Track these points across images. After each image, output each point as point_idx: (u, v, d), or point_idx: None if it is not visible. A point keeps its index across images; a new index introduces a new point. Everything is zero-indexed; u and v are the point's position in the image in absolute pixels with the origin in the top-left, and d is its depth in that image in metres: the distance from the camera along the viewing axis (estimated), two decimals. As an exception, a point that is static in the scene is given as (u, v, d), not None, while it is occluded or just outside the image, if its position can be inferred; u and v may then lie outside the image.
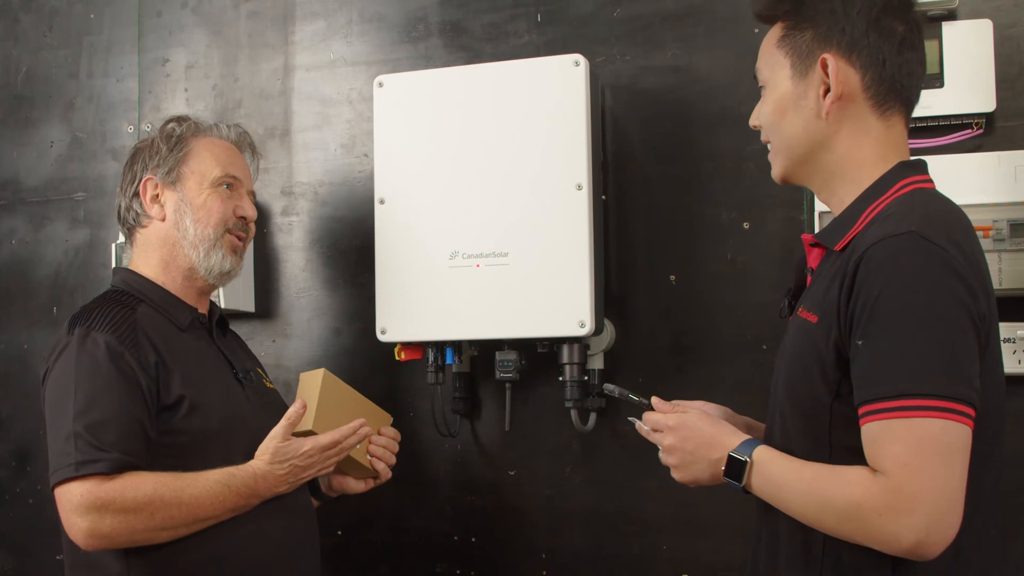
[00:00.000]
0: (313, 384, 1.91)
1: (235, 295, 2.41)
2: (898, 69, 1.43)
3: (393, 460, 2.03)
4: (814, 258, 1.48)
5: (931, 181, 1.45)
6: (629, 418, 1.61)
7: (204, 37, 2.61)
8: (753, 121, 1.54)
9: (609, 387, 1.67)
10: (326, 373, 1.92)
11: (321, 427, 1.86)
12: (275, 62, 2.56)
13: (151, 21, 2.65)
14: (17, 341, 2.69)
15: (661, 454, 1.54)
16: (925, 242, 1.28)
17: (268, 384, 2.03)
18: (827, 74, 1.42)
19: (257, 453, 1.81)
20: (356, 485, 2.04)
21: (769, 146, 1.53)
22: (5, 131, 2.75)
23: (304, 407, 1.85)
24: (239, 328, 2.49)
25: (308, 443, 1.82)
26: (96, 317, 1.77)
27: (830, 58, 1.42)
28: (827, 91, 1.43)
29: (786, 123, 1.47)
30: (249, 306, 2.48)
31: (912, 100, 1.47)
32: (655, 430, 1.54)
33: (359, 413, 1.95)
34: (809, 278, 1.50)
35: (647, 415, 1.56)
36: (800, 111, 1.45)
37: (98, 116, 2.68)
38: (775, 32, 1.50)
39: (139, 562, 1.73)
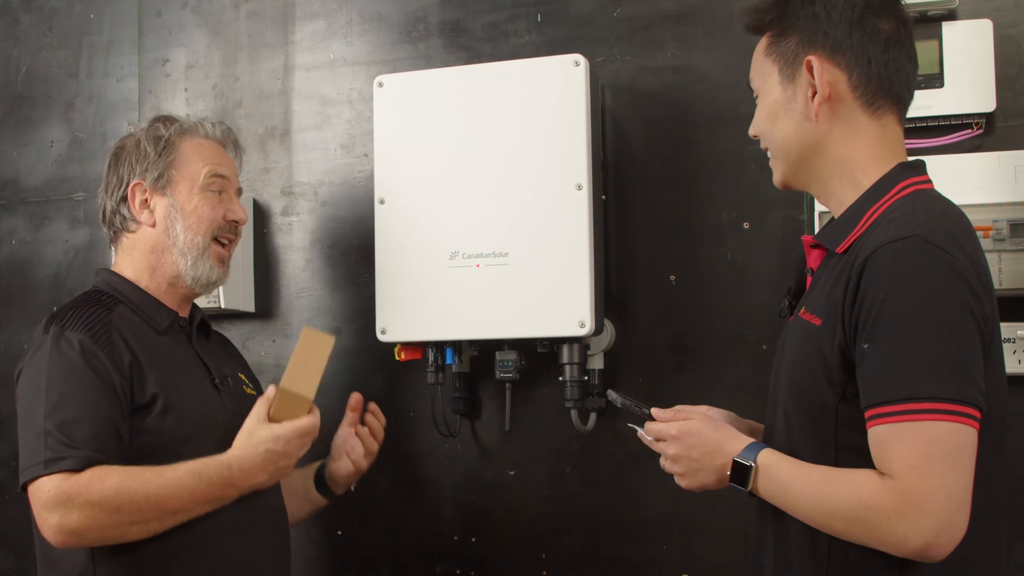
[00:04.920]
0: (320, 349, 1.80)
1: (235, 295, 2.41)
2: (884, 67, 1.44)
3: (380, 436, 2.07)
4: (814, 259, 1.49)
5: (930, 182, 1.46)
6: (629, 424, 1.60)
7: (204, 37, 2.61)
8: (751, 131, 1.56)
9: (612, 395, 1.64)
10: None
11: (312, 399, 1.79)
12: (275, 62, 2.56)
13: (151, 21, 2.65)
14: (17, 341, 2.68)
15: (664, 462, 1.53)
16: (930, 246, 1.29)
17: (248, 390, 1.98)
18: (812, 76, 1.44)
19: (233, 442, 1.75)
20: (343, 467, 2.02)
21: (768, 153, 1.54)
22: (5, 131, 2.75)
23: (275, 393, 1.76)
24: (239, 328, 2.49)
25: (285, 427, 1.74)
26: (71, 317, 1.77)
27: (815, 60, 1.44)
28: (815, 93, 1.44)
29: (778, 128, 1.49)
30: (249, 306, 2.48)
31: (904, 98, 1.48)
32: (658, 439, 1.54)
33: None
34: (809, 279, 1.50)
35: (649, 425, 1.55)
36: (790, 115, 1.47)
37: (98, 116, 2.68)
38: (763, 42, 1.53)
39: (105, 564, 1.72)
